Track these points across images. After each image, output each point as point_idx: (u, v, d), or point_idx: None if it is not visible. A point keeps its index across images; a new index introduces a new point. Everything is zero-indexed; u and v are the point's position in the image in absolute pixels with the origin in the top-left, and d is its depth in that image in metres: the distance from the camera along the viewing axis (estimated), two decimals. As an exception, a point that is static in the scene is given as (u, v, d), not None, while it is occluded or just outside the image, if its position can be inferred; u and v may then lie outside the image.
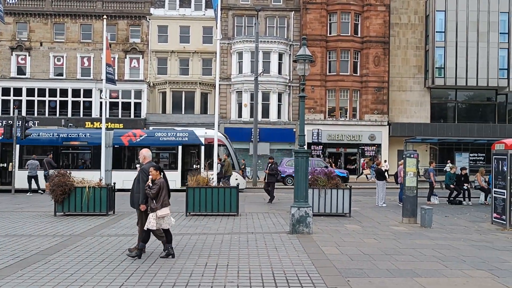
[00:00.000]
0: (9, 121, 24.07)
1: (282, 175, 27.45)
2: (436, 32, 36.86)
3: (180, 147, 24.04)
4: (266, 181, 18.45)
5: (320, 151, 36.98)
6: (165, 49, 38.43)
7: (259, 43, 32.13)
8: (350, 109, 37.37)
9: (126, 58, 38.50)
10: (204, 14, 38.62)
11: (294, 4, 38.66)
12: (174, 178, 22.75)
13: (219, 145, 23.89)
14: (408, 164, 13.40)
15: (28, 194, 21.06)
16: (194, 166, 23.85)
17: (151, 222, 8.12)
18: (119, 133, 24.71)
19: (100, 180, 14.68)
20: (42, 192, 21.27)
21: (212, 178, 14.67)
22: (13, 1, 39.03)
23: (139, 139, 24.09)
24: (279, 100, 37.35)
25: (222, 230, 11.36)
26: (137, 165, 20.63)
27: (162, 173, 8.34)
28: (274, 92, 36.91)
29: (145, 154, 8.73)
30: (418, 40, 38.10)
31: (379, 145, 37.33)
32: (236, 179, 23.20)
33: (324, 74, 37.14)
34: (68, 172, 14.14)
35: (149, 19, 38.70)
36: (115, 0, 40.04)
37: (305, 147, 11.81)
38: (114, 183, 15.19)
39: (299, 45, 36.78)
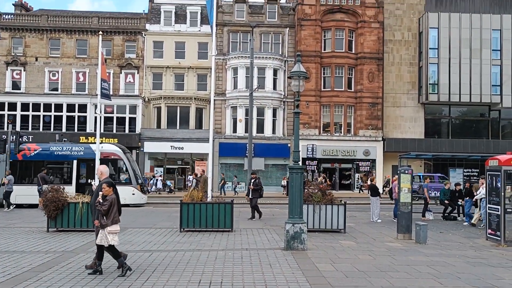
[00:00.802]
0: (3, 136, 23.96)
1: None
2: (430, 48, 37.27)
3: (75, 162, 23.56)
4: (250, 197, 18.02)
5: (315, 166, 37.00)
6: (161, 65, 38.59)
7: (254, 59, 32.33)
8: (344, 125, 37.52)
9: (121, 73, 38.60)
10: (199, 30, 38.88)
11: (289, 21, 39.02)
12: (68, 191, 22.71)
13: (114, 159, 24.09)
14: (403, 180, 13.40)
15: (6, 209, 20.76)
16: (89, 180, 22.93)
17: (103, 239, 8.06)
18: None
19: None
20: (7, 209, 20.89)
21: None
22: (9, 16, 39.18)
23: (33, 153, 23.73)
24: (274, 115, 37.47)
25: (216, 247, 11.29)
26: (93, 182, 20.48)
27: (114, 189, 8.27)
28: (269, 108, 37.04)
29: (102, 170, 8.75)
30: (412, 56, 38.47)
31: (373, 161, 37.42)
32: (134, 193, 23.40)
33: (318, 89, 37.35)
34: None
35: (145, 35, 38.91)
36: (111, 16, 40.31)
37: (300, 163, 11.81)
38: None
39: (294, 61, 36.99)
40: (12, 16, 39.70)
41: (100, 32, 20.87)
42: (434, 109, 38.93)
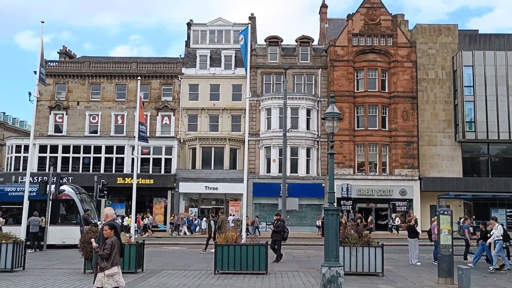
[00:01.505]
0: (44, 178, 24.77)
1: None
2: (465, 86, 36.84)
3: (27, 202, 23.85)
4: (271, 238, 17.56)
5: (350, 206, 36.43)
6: (196, 107, 39.49)
7: (287, 99, 32.71)
8: (379, 164, 37.04)
9: (158, 115, 39.68)
10: (233, 73, 39.79)
11: (321, 62, 39.51)
12: (19, 232, 22.71)
13: (66, 200, 24.16)
14: (442, 222, 13.03)
15: (30, 250, 21.09)
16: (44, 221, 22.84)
17: (100, 281, 7.97)
18: None
19: (130, 237, 14.77)
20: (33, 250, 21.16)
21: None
22: (54, 64, 41.26)
23: None
24: (308, 155, 37.42)
25: (251, 290, 11.16)
26: (98, 223, 20.60)
27: (116, 232, 8.24)
28: (302, 147, 37.07)
29: (107, 212, 8.85)
30: (447, 94, 38.05)
31: (410, 200, 36.57)
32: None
33: (352, 129, 37.23)
34: None
35: (181, 78, 40.11)
36: (149, 61, 41.89)
37: (335, 204, 11.70)
38: None
39: (327, 101, 37.26)
40: (56, 63, 41.80)
41: (139, 77, 21.71)
42: (471, 147, 38.02)
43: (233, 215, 34.43)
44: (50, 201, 23.27)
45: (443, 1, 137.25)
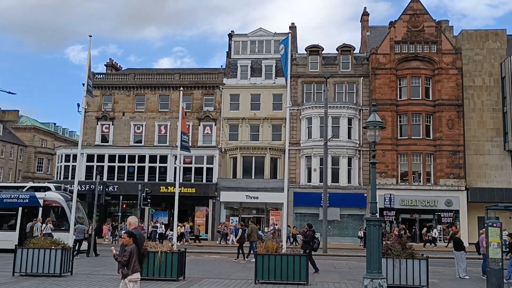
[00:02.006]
0: (92, 186, 25.63)
1: None
2: (514, 93, 35.48)
3: (20, 209, 24.28)
4: (302, 249, 17.04)
5: (393, 217, 35.65)
6: (237, 116, 39.85)
7: (328, 108, 32.51)
8: (423, 174, 36.12)
9: (200, 125, 40.31)
10: (274, 83, 39.95)
11: (363, 70, 39.09)
12: (12, 238, 22.96)
13: (56, 207, 24.46)
14: (491, 234, 12.59)
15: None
16: (28, 228, 23.19)
17: (124, 287, 8.14)
18: None
19: (172, 245, 15.01)
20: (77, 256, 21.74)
21: None
22: (101, 76, 42.76)
23: None
24: (349, 164, 36.95)
25: (292, 300, 11.09)
26: (122, 232, 20.85)
27: (134, 239, 8.35)
28: (343, 157, 36.66)
29: (131, 220, 8.97)
30: (495, 102, 36.74)
31: (456, 211, 35.44)
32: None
33: (395, 138, 36.54)
34: None
35: (222, 89, 40.63)
36: (191, 72, 42.74)
37: (377, 214, 11.50)
38: None
39: (369, 110, 36.78)
40: (103, 75, 43.31)
41: (181, 88, 22.22)
42: (522, 157, 36.49)
43: (275, 225, 34.31)
44: (41, 208, 24.27)
45: (489, 6, 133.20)
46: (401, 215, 36.24)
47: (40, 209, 24.31)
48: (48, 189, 25.47)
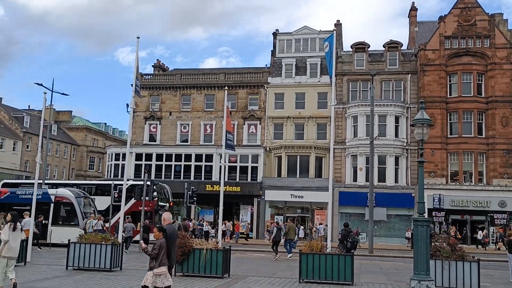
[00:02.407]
0: (140, 184, 26.35)
1: None
2: None
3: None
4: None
5: (443, 218, 34.57)
6: (281, 115, 39.82)
7: (375, 106, 31.93)
8: (475, 173, 34.82)
9: (244, 124, 40.56)
10: (319, 81, 39.62)
11: (411, 67, 38.10)
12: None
13: (66, 203, 25.26)
14: (547, 237, 11.96)
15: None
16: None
17: (148, 279, 8.41)
18: None
19: (217, 243, 15.18)
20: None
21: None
22: (148, 76, 43.85)
23: (3, 197, 26.29)
24: (396, 163, 36.13)
25: (336, 300, 10.97)
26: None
27: (164, 234, 8.62)
28: (390, 156, 35.88)
29: (165, 216, 9.27)
30: (553, 98, 34.89)
31: (511, 213, 33.90)
32: (80, 234, 23.36)
33: (444, 136, 35.41)
34: None
35: (267, 88, 40.70)
36: (236, 72, 43.06)
37: (426, 214, 11.18)
38: None
39: (417, 108, 35.79)
40: (151, 76, 44.39)
41: (226, 87, 22.41)
42: None
43: (321, 224, 34.03)
44: (52, 204, 25.68)
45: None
46: (451, 216, 35.09)
47: (52, 204, 25.75)
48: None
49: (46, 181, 34.00)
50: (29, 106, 70.34)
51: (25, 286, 11.71)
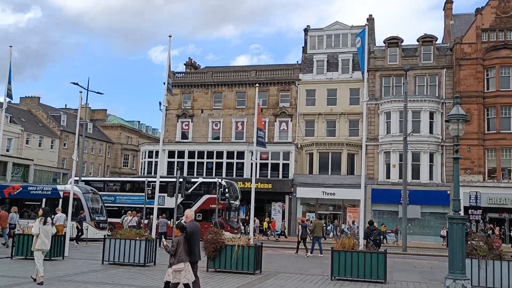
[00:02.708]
0: (173, 181, 26.72)
1: None
2: None
3: (44, 199, 27.37)
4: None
5: (480, 216, 33.66)
6: (313, 112, 39.60)
7: (408, 102, 31.32)
8: (514, 170, 33.72)
9: (275, 121, 40.53)
10: (351, 77, 39.19)
11: (446, 61, 37.20)
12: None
13: (73, 198, 25.14)
14: None
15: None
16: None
17: (170, 275, 8.71)
18: (2, 186, 30.18)
19: (249, 239, 15.23)
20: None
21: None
22: (180, 75, 44.34)
23: (16, 192, 28.47)
24: (431, 160, 35.39)
25: (369, 298, 10.85)
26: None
27: (185, 231, 8.92)
28: (425, 152, 35.17)
29: (187, 213, 9.59)
30: None
31: (552, 211, 32.71)
32: (87, 229, 24.78)
33: (481, 132, 34.44)
34: None
35: (298, 84, 40.53)
36: (267, 69, 43.04)
37: (461, 212, 10.91)
38: None
39: (452, 103, 34.92)
40: (182, 74, 44.88)
41: (257, 84, 22.39)
42: None
43: (354, 223, 33.72)
44: (61, 199, 26.86)
45: None
46: (488, 214, 34.13)
47: (60, 200, 26.89)
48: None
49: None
50: (65, 105, 72.33)
51: (64, 279, 12.06)
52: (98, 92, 42.38)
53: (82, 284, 11.37)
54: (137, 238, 15.38)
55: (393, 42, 38.70)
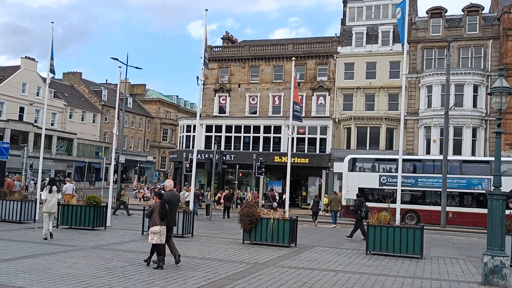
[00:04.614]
0: (210, 155, 27.08)
1: None
2: None
3: None
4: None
5: (525, 193, 32.49)
6: (351, 86, 38.93)
7: (451, 75, 30.31)
8: None
9: (313, 95, 40.12)
10: (391, 49, 38.15)
11: (493, 32, 35.59)
12: None
13: None
14: None
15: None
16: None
17: (149, 237, 9.98)
18: None
19: (284, 212, 15.36)
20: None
21: None
22: (217, 49, 44.35)
23: None
24: (474, 135, 34.30)
25: (403, 273, 10.81)
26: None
27: (162, 199, 10.07)
28: (467, 127, 34.10)
29: (167, 183, 11.21)
30: None
31: None
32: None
33: (529, 106, 32.94)
34: None
35: (336, 57, 39.82)
36: (305, 42, 42.41)
37: (501, 188, 10.58)
38: None
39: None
40: (220, 48, 44.86)
41: (293, 58, 22.15)
42: None
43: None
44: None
45: None
46: (534, 191, 32.92)
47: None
48: None
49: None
50: (106, 80, 73.98)
51: (106, 248, 12.58)
52: (137, 67, 43.00)
53: (123, 253, 11.83)
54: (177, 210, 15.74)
55: (437, 12, 37.25)
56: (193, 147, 34.00)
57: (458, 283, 9.95)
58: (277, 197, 28.44)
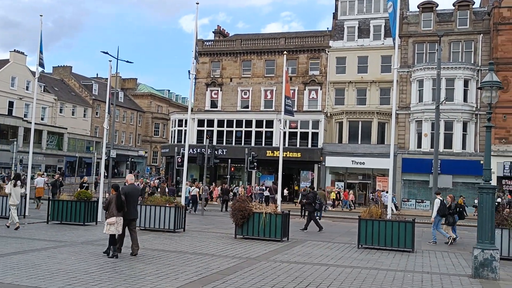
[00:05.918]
0: (202, 150, 27.02)
1: None
2: None
3: None
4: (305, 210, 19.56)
5: (514, 187, 32.87)
6: (343, 80, 38.98)
7: (442, 69, 30.37)
8: (553, 140, 32.58)
9: (305, 90, 40.12)
10: (383, 44, 38.22)
11: (483, 27, 35.75)
12: None
13: None
14: None
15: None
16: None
17: (104, 227, 10.38)
18: None
19: (276, 207, 15.36)
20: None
21: None
22: (209, 43, 44.14)
23: None
24: (464, 129, 34.54)
25: (395, 267, 10.87)
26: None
27: (118, 191, 10.47)
28: (458, 121, 34.32)
29: (128, 178, 11.67)
30: None
31: None
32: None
33: (519, 100, 33.20)
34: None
35: (328, 52, 39.81)
36: (297, 36, 42.33)
37: (492, 182, 10.67)
38: None
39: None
40: (211, 42, 44.65)
41: (285, 52, 22.09)
42: None
43: (383, 191, 33.45)
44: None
45: None
46: (523, 184, 33.28)
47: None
48: None
49: None
50: (97, 74, 73.47)
51: (97, 243, 12.51)
52: (127, 61, 42.71)
53: (114, 248, 11.76)
54: (167, 205, 15.71)
55: (428, 7, 37.35)
56: (185, 142, 33.72)
57: (449, 276, 10.02)
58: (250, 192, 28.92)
